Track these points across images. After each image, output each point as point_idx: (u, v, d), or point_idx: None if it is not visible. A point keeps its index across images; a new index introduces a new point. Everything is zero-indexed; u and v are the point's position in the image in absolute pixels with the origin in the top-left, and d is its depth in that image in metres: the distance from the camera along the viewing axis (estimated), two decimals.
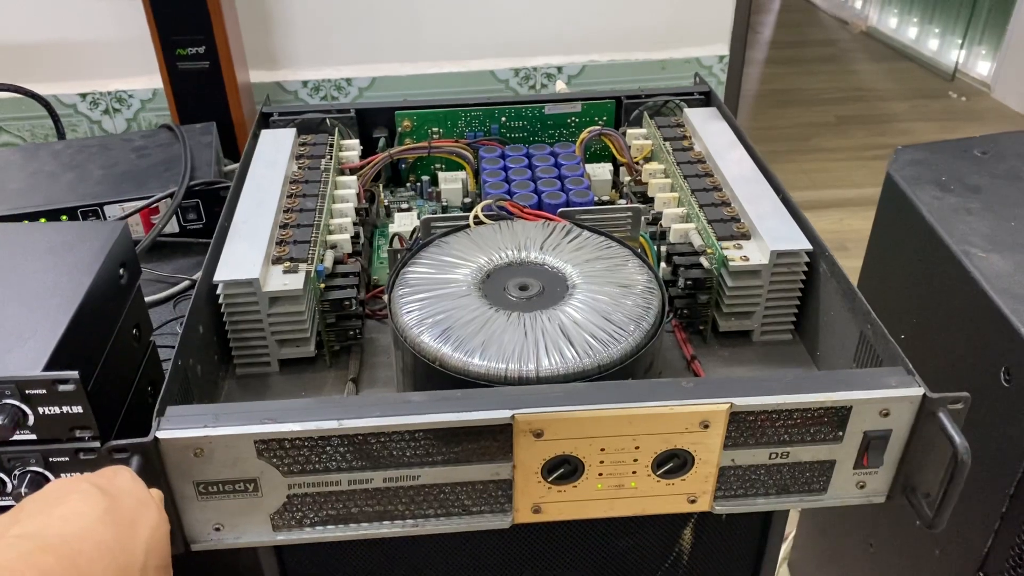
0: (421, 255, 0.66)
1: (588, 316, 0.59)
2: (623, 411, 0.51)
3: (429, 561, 0.65)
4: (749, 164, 0.76)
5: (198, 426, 0.49)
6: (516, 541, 0.64)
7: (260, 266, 0.63)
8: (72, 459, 0.50)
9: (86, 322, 0.52)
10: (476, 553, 0.64)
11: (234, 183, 0.74)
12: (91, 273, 0.54)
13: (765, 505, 0.57)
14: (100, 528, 0.41)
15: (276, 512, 0.53)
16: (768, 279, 0.66)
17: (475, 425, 0.50)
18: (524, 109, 0.87)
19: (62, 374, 0.47)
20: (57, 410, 0.48)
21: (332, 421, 0.50)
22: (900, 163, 0.92)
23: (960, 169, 0.90)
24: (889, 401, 0.52)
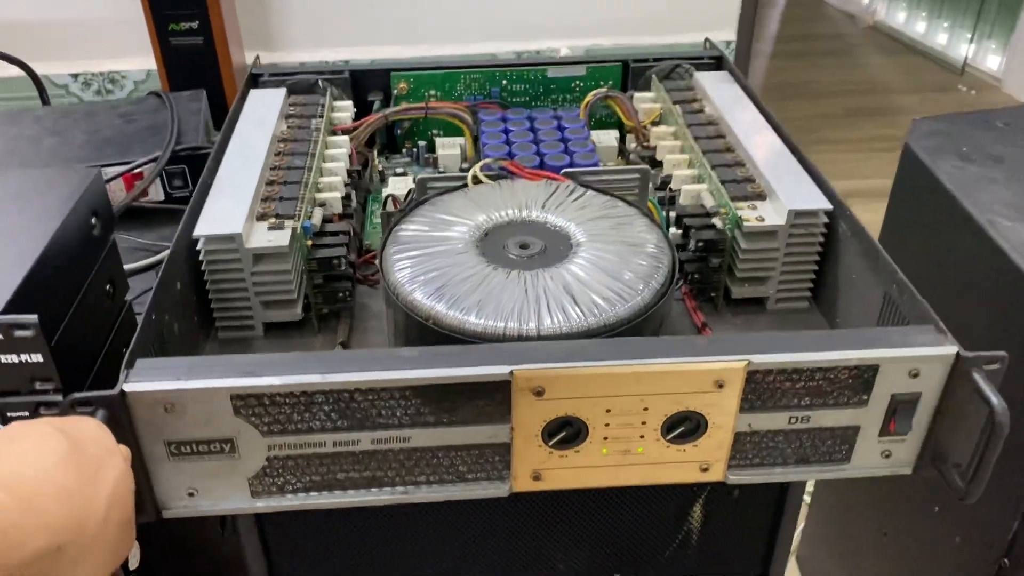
0: (415, 213, 0.62)
1: (593, 274, 0.56)
2: (631, 368, 0.47)
3: (420, 536, 0.61)
4: (763, 125, 0.72)
5: (169, 379, 0.45)
6: (513, 515, 0.60)
7: (243, 221, 0.59)
8: (32, 414, 0.46)
9: (51, 270, 0.48)
10: (470, 527, 0.60)
11: (219, 141, 0.70)
12: (58, 218, 0.50)
13: (783, 475, 0.53)
14: (60, 472, 0.37)
15: (255, 476, 0.49)
16: (785, 241, 0.62)
17: (471, 382, 0.46)
18: (526, 72, 0.83)
19: (20, 318, 0.43)
20: (15, 358, 0.44)
21: (315, 375, 0.46)
22: (919, 134, 0.88)
23: (981, 140, 0.86)
24: (919, 360, 0.48)
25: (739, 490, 0.63)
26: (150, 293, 0.51)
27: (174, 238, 0.57)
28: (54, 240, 0.49)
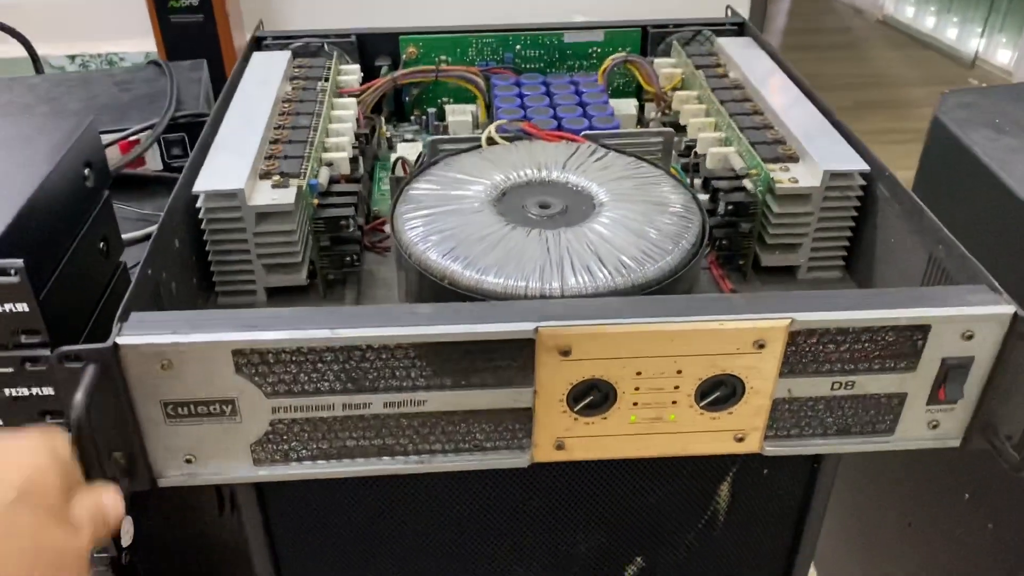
0: (427, 173, 0.59)
1: (619, 233, 0.52)
2: (666, 326, 0.43)
3: (432, 512, 0.57)
4: (792, 88, 0.69)
5: (166, 332, 0.42)
6: (532, 490, 0.57)
7: (246, 178, 0.55)
8: (17, 369, 0.43)
9: (40, 217, 0.45)
10: (486, 503, 0.57)
11: (219, 100, 0.66)
12: (49, 165, 0.47)
13: (823, 447, 0.49)
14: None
15: (258, 442, 0.45)
16: (819, 205, 0.59)
17: (492, 339, 0.43)
18: (541, 36, 0.79)
19: (3, 262, 0.39)
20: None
21: (324, 330, 0.42)
22: (948, 106, 0.85)
23: (1014, 112, 0.82)
24: (974, 320, 0.44)
25: (768, 469, 0.59)
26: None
27: (171, 194, 0.53)
28: (44, 186, 0.45)
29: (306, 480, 0.48)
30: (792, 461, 0.59)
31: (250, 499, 0.54)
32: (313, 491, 0.54)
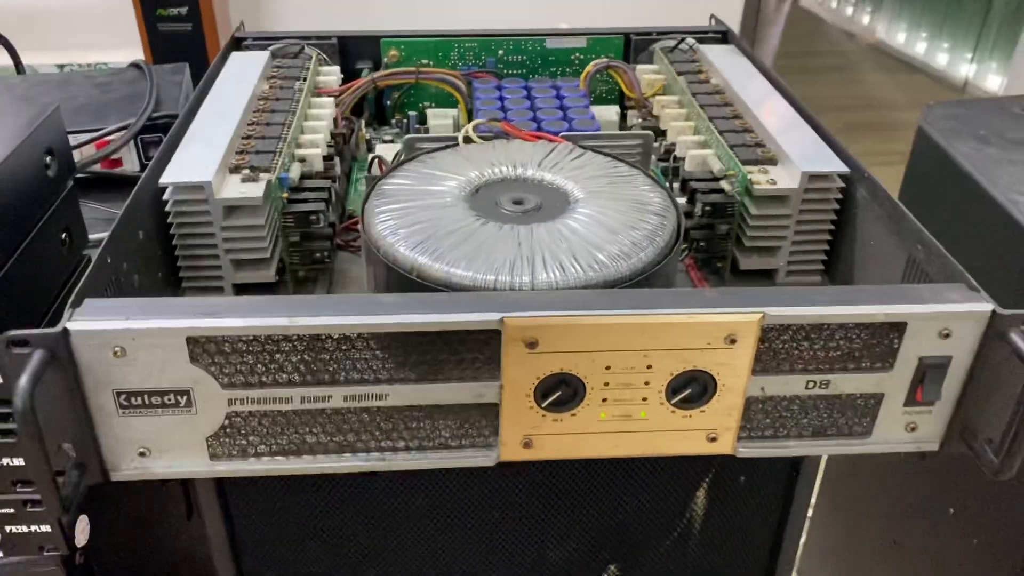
0: (402, 169, 0.58)
1: (593, 229, 0.51)
2: (634, 319, 0.42)
3: (397, 517, 0.56)
4: (774, 94, 0.68)
5: (120, 318, 0.40)
6: (498, 494, 0.55)
7: (215, 171, 0.54)
8: None
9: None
10: (453, 505, 0.55)
11: (193, 97, 0.65)
12: (6, 149, 0.46)
13: (797, 449, 0.48)
14: None
15: (214, 435, 0.44)
16: (798, 207, 0.58)
17: (456, 329, 0.42)
18: (524, 42, 0.79)
19: None
20: None
21: (282, 319, 0.41)
22: (933, 117, 0.84)
23: (999, 124, 0.82)
24: (952, 318, 0.43)
25: (746, 476, 0.58)
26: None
27: (136, 185, 0.52)
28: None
29: (267, 478, 0.47)
30: (770, 469, 0.58)
31: (211, 498, 0.52)
32: (275, 490, 0.53)
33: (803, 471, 0.56)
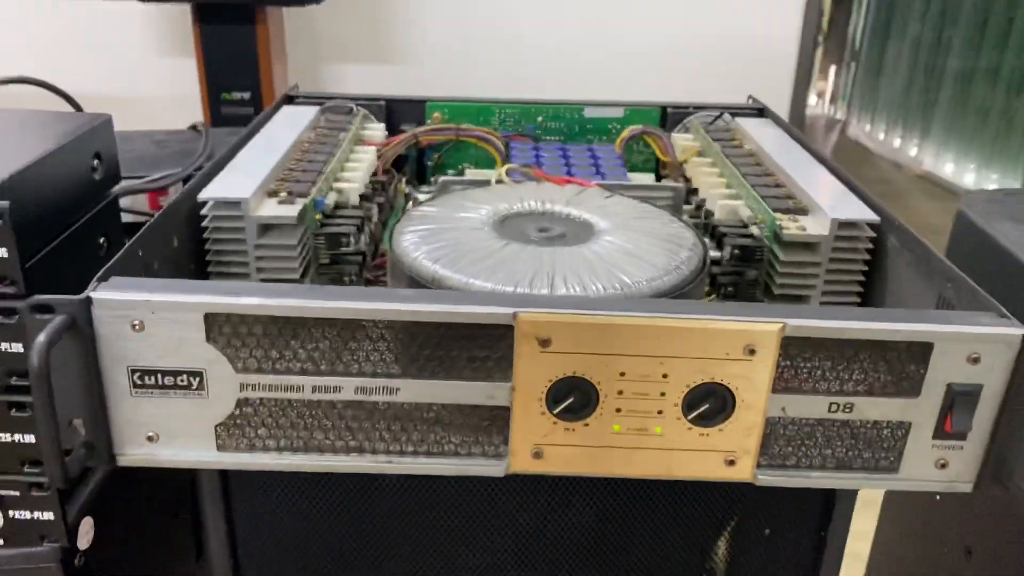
0: (433, 201, 0.59)
1: (617, 254, 0.51)
2: (650, 321, 0.42)
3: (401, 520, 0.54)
4: (808, 158, 0.69)
5: (142, 291, 0.41)
6: (507, 510, 0.53)
7: (253, 191, 0.56)
8: None
9: (39, 188, 0.46)
10: (455, 523, 0.53)
11: (241, 136, 0.68)
12: (57, 143, 0.48)
13: (820, 481, 0.46)
14: None
15: (223, 423, 0.44)
16: (828, 255, 0.57)
17: (469, 322, 0.42)
18: (563, 109, 0.81)
19: None
20: None
21: (299, 299, 0.41)
22: (971, 201, 0.84)
23: None
24: (980, 341, 0.42)
25: (770, 528, 0.55)
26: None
27: (175, 196, 0.54)
28: (48, 160, 0.46)
29: (272, 482, 0.46)
30: (796, 523, 0.55)
31: (213, 482, 0.51)
32: (278, 491, 0.52)
33: (836, 516, 0.53)
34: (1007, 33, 2.71)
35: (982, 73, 2.85)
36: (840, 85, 3.52)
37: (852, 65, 3.52)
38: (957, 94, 2.98)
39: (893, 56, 3.36)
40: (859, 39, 3.53)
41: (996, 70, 2.82)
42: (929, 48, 3.17)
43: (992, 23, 2.81)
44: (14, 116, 0.52)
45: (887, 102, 3.37)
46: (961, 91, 2.95)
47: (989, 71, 2.84)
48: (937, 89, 3.08)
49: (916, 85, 3.16)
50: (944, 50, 3.04)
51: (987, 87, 2.83)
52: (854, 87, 3.50)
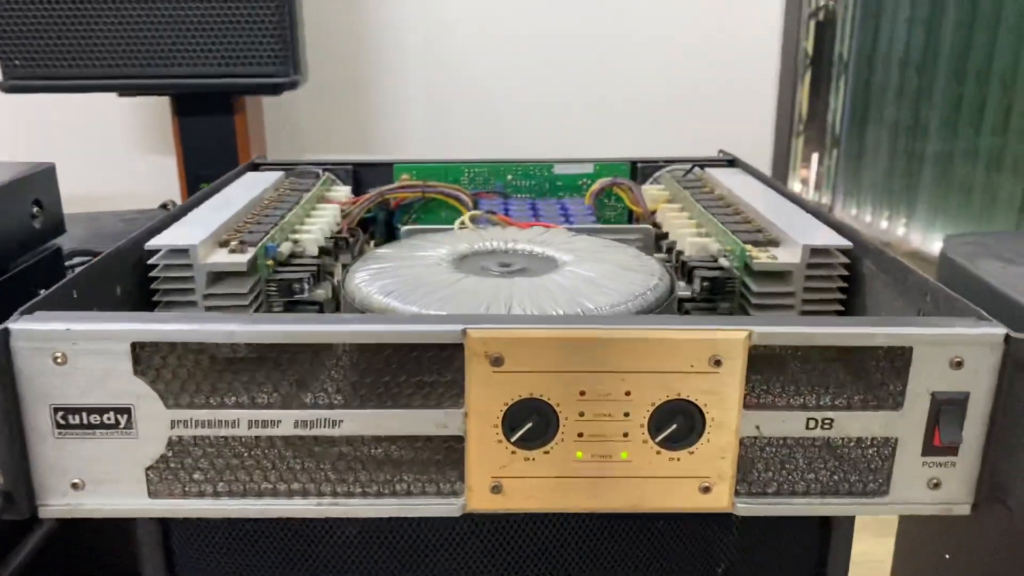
0: (392, 244, 0.57)
1: (579, 284, 0.49)
2: (607, 333, 0.39)
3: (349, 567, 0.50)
4: (780, 198, 0.67)
5: (63, 322, 0.39)
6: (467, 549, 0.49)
7: (202, 240, 0.54)
8: None
9: None
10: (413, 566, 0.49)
11: (196, 197, 0.67)
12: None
13: (804, 508, 0.42)
14: None
15: (154, 466, 0.40)
16: (801, 284, 0.55)
17: (415, 342, 0.39)
18: (532, 167, 0.80)
19: None
20: None
21: (232, 324, 0.39)
22: (952, 244, 0.82)
23: (1019, 247, 0.80)
24: (961, 343, 0.39)
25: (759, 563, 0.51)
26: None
27: (118, 245, 0.52)
28: None
29: (215, 530, 0.42)
30: (790, 558, 0.51)
31: (151, 533, 0.47)
32: (222, 540, 0.48)
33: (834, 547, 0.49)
34: (981, 112, 2.77)
35: (961, 153, 2.89)
36: (823, 171, 3.57)
37: (834, 152, 3.59)
38: (939, 174, 3.01)
39: (873, 140, 3.42)
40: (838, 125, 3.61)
41: (975, 150, 2.86)
42: (907, 131, 3.23)
43: (965, 105, 2.87)
44: None
45: (871, 185, 3.41)
46: (942, 171, 2.99)
47: (968, 152, 2.88)
48: (919, 171, 3.12)
49: (898, 168, 3.20)
50: (922, 132, 3.09)
51: (967, 166, 2.87)
52: (837, 173, 3.55)
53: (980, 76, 2.49)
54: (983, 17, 2.32)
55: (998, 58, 2.37)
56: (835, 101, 3.46)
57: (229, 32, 1.18)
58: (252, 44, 1.18)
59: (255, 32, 1.17)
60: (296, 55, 1.20)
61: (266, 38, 1.17)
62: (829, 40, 2.70)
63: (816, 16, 2.44)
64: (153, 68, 1.19)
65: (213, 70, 1.19)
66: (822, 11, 2.39)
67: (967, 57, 2.52)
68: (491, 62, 1.67)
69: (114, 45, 1.19)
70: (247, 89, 1.23)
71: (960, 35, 2.43)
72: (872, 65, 2.99)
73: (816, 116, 3.49)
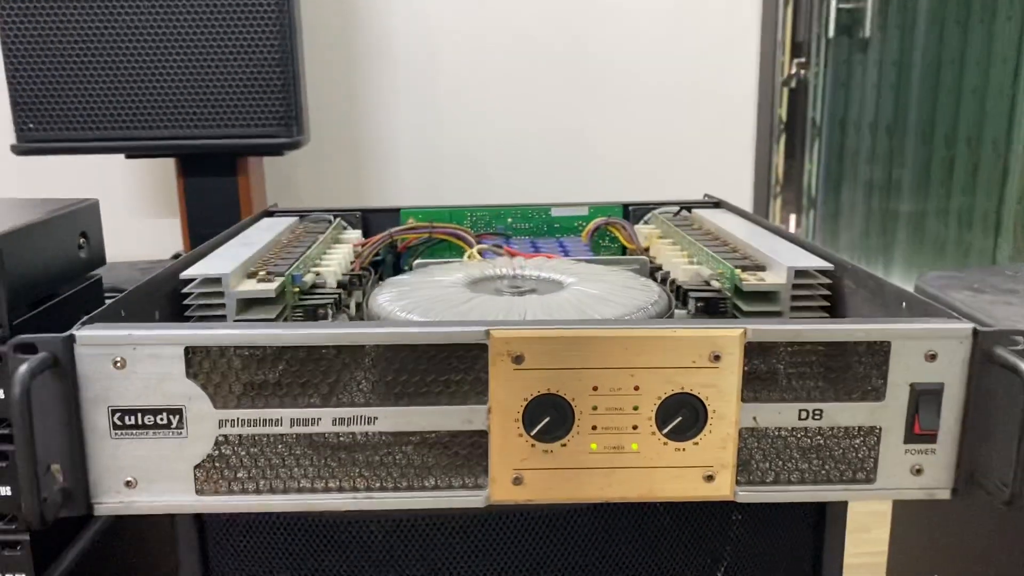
0: (406, 273, 0.62)
1: (585, 299, 0.53)
2: (617, 332, 0.43)
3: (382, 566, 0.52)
4: (765, 232, 0.72)
5: (124, 329, 0.42)
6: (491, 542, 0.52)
7: (232, 270, 0.58)
8: None
9: (24, 253, 0.48)
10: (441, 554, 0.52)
11: (218, 238, 0.71)
12: (46, 216, 0.50)
13: (800, 494, 0.46)
14: None
15: (202, 464, 0.44)
16: (788, 303, 0.60)
17: (444, 342, 0.43)
18: (531, 211, 0.85)
19: None
20: None
21: (276, 329, 0.43)
22: (926, 279, 0.88)
23: (991, 281, 0.85)
24: (933, 338, 0.44)
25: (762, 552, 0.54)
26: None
27: (156, 274, 0.56)
28: (38, 227, 0.49)
29: (249, 529, 0.45)
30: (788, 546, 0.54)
31: (188, 529, 0.50)
32: (255, 539, 0.51)
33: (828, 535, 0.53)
34: (950, 172, 2.88)
35: (933, 212, 3.00)
36: (802, 232, 3.66)
37: (811, 212, 3.68)
38: (913, 232, 3.11)
39: (848, 201, 3.52)
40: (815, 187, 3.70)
41: (946, 209, 2.96)
42: (881, 191, 3.32)
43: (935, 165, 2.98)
44: (8, 200, 0.55)
45: (849, 244, 3.49)
46: (916, 229, 3.09)
47: (940, 210, 2.98)
48: (894, 229, 3.22)
49: (873, 227, 3.30)
50: (896, 191, 3.19)
51: (940, 223, 2.97)
52: (815, 233, 3.64)
53: (947, 138, 2.59)
54: (947, 82, 2.42)
55: (963, 120, 2.47)
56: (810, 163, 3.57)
57: (235, 95, 1.23)
58: (257, 106, 1.23)
59: (260, 95, 1.23)
60: (299, 116, 1.25)
61: (270, 101, 1.23)
62: (802, 106, 2.80)
63: (788, 84, 2.52)
64: (161, 130, 1.24)
65: (219, 131, 1.24)
66: (794, 79, 2.47)
67: (934, 120, 2.62)
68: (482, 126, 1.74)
69: (122, 109, 1.24)
70: (253, 150, 1.29)
71: (926, 99, 2.54)
72: (844, 129, 3.10)
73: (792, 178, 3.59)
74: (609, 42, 1.70)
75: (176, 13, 1.20)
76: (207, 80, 1.23)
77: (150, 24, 1.21)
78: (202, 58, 1.22)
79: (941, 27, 2.47)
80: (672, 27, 1.71)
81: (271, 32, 1.21)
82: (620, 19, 1.68)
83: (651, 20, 1.69)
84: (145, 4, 1.20)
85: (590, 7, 1.66)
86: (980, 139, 2.54)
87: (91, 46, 1.22)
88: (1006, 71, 2.33)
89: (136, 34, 1.21)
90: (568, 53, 1.70)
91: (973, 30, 2.38)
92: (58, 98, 1.23)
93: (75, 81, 1.23)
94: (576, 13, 1.66)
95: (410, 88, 1.71)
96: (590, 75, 1.73)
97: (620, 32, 1.69)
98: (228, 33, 1.21)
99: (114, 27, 1.21)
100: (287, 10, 1.21)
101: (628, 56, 1.71)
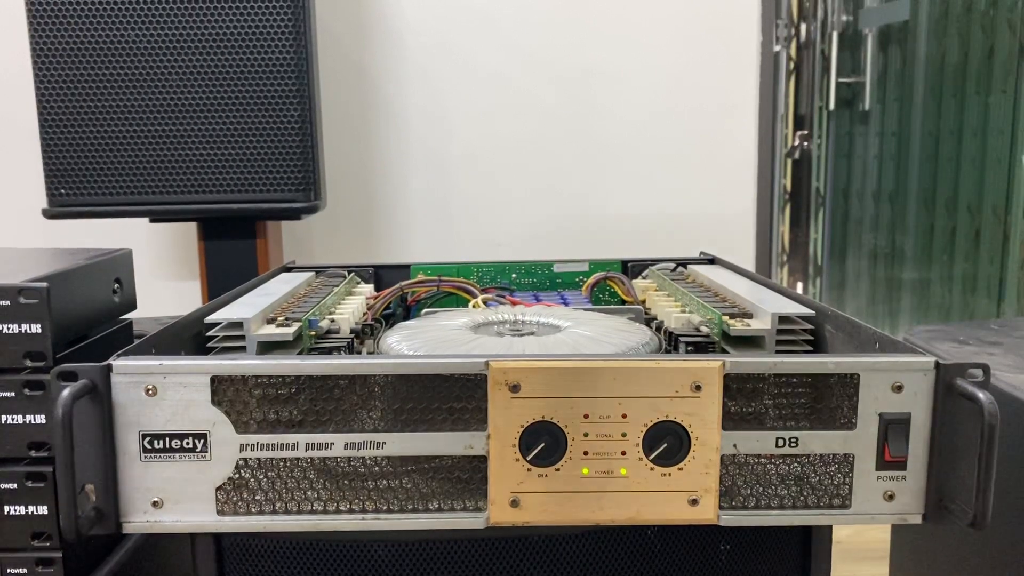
0: (415, 318, 0.66)
1: (580, 340, 0.57)
2: (606, 363, 0.47)
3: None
4: (754, 284, 0.76)
5: (156, 359, 0.47)
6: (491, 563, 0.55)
7: (253, 315, 0.63)
8: (17, 394, 0.47)
9: (66, 294, 0.52)
10: None
11: (239, 289, 0.76)
12: (85, 261, 0.55)
13: (780, 519, 0.49)
14: None
15: (223, 486, 0.47)
16: (772, 348, 0.63)
17: (446, 373, 0.47)
18: (534, 266, 0.90)
19: (30, 284, 0.46)
20: (15, 328, 0.46)
21: (295, 359, 0.47)
22: (916, 332, 0.91)
23: (976, 334, 0.88)
24: (899, 370, 0.48)
25: None
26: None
27: (182, 317, 0.61)
28: (78, 271, 0.53)
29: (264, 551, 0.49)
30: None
31: (207, 549, 0.53)
32: (269, 561, 0.54)
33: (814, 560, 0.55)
34: (952, 239, 2.92)
35: (937, 279, 3.04)
36: None
37: (817, 280, 3.72)
38: (918, 299, 3.15)
39: (854, 269, 3.56)
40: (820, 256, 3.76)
41: (950, 276, 3.00)
42: (885, 259, 3.37)
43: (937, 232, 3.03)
44: (50, 249, 0.59)
45: (855, 312, 3.52)
46: (921, 296, 3.12)
47: (944, 277, 3.02)
48: (899, 297, 3.26)
49: (879, 295, 3.34)
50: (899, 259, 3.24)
51: (944, 290, 3.01)
52: (821, 300, 3.67)
53: (948, 206, 2.65)
54: (946, 152, 2.49)
55: (963, 188, 2.53)
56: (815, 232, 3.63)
57: (255, 162, 1.30)
58: (276, 173, 1.30)
59: (279, 162, 1.29)
60: (317, 182, 1.31)
61: (290, 168, 1.29)
62: (806, 176, 2.87)
63: (792, 155, 2.59)
64: (185, 195, 1.30)
65: (240, 196, 1.30)
66: (797, 150, 2.55)
67: (935, 189, 2.69)
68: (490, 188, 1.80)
69: (148, 175, 1.31)
70: (272, 215, 1.34)
71: (926, 169, 2.60)
72: (848, 198, 3.17)
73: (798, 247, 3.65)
74: (613, 110, 1.77)
75: (200, 86, 1.27)
76: (229, 148, 1.29)
77: (176, 96, 1.28)
78: (224, 127, 1.28)
79: (939, 100, 2.54)
80: (672, 94, 1.77)
81: (291, 104, 1.28)
82: (621, 91, 1.75)
83: (653, 90, 1.75)
84: (173, 79, 1.27)
85: (595, 79, 1.74)
86: (980, 207, 2.59)
87: (120, 117, 1.29)
88: (1003, 141, 2.40)
89: (163, 105, 1.28)
90: (573, 121, 1.77)
91: (970, 102, 2.45)
92: (88, 165, 1.29)
93: (104, 149, 1.30)
94: (581, 84, 1.74)
95: (421, 153, 1.78)
96: (595, 141, 1.80)
97: (624, 100, 1.76)
98: (250, 104, 1.28)
99: (142, 98, 1.28)
100: (307, 84, 1.28)
101: (631, 124, 1.78)
